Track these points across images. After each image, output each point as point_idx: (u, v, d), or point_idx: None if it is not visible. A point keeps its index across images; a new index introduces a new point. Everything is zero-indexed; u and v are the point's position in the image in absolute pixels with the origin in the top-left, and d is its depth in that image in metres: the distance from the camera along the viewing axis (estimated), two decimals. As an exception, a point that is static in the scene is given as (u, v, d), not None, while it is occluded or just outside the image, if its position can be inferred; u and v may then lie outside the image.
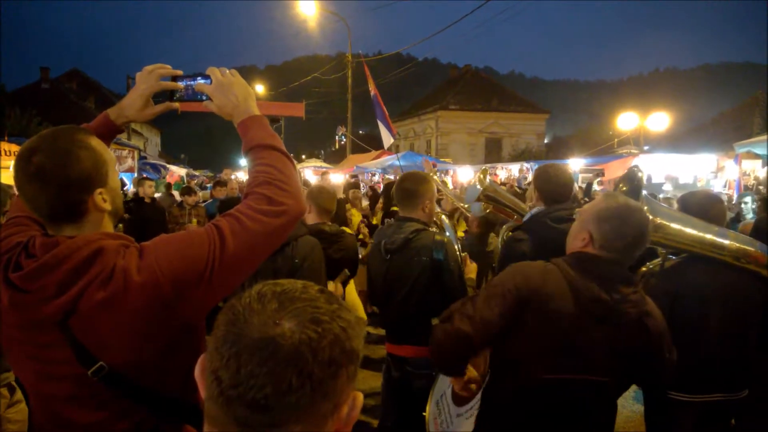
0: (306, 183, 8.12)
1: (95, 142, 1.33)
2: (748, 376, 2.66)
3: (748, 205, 6.40)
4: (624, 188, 2.55)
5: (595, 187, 11.58)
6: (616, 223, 1.84)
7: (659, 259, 2.90)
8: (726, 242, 2.51)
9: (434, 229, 3.18)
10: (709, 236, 2.52)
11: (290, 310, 0.74)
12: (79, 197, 1.28)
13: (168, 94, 1.60)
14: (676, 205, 2.99)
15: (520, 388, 1.92)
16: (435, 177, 4.75)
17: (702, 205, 2.68)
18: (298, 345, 0.71)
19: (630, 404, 4.55)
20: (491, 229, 5.24)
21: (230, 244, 1.27)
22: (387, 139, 8.29)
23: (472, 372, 2.14)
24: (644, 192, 2.53)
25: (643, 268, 2.95)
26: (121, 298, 1.20)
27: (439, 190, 3.98)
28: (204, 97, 1.55)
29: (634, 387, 2.97)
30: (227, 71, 1.54)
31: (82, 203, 1.29)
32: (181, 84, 1.57)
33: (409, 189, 3.08)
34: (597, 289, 1.80)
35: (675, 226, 2.54)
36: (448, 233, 3.11)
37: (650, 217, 2.45)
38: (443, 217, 3.34)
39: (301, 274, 2.91)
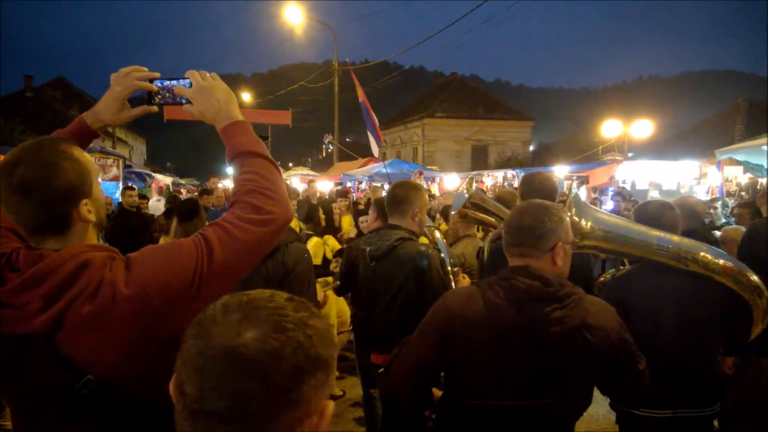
0: (294, 191, 8.07)
1: (79, 153, 1.32)
2: (715, 391, 2.53)
3: (719, 210, 6.48)
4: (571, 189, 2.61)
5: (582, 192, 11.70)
6: (515, 215, 1.90)
7: (614, 269, 2.91)
8: (669, 246, 2.41)
9: (423, 241, 3.19)
10: (651, 240, 2.44)
11: (253, 320, 0.73)
12: (65, 209, 1.27)
13: (146, 98, 1.54)
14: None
15: (447, 414, 1.88)
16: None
17: (653, 214, 2.66)
18: (260, 354, 0.69)
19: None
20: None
21: (218, 254, 1.26)
22: (375, 148, 8.34)
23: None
24: (574, 192, 2.52)
25: (601, 278, 2.95)
26: (109, 311, 1.19)
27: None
28: (184, 101, 1.49)
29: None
30: (207, 74, 1.49)
31: (67, 215, 1.28)
32: (158, 85, 1.51)
33: (400, 195, 3.10)
34: (511, 312, 1.74)
35: (604, 228, 2.48)
36: (441, 250, 3.12)
37: (578, 219, 2.44)
38: (437, 233, 3.33)
39: (292, 279, 2.91)
